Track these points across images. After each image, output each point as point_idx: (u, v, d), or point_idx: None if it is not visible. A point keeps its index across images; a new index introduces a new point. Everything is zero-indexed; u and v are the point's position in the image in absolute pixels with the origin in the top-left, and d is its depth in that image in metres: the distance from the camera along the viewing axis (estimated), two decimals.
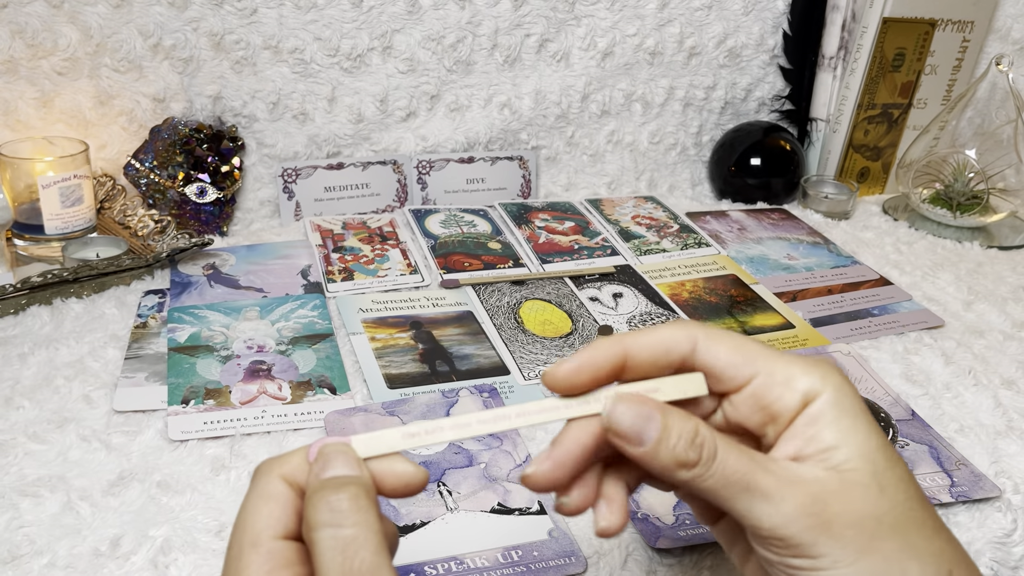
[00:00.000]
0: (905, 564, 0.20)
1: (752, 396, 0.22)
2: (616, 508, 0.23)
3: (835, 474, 0.20)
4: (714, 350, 0.22)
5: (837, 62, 0.67)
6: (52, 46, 0.51)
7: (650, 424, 0.21)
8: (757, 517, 0.20)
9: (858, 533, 0.20)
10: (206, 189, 0.54)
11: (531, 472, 0.22)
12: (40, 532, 0.31)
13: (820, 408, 0.21)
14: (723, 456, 0.21)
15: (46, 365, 0.40)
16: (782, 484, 0.20)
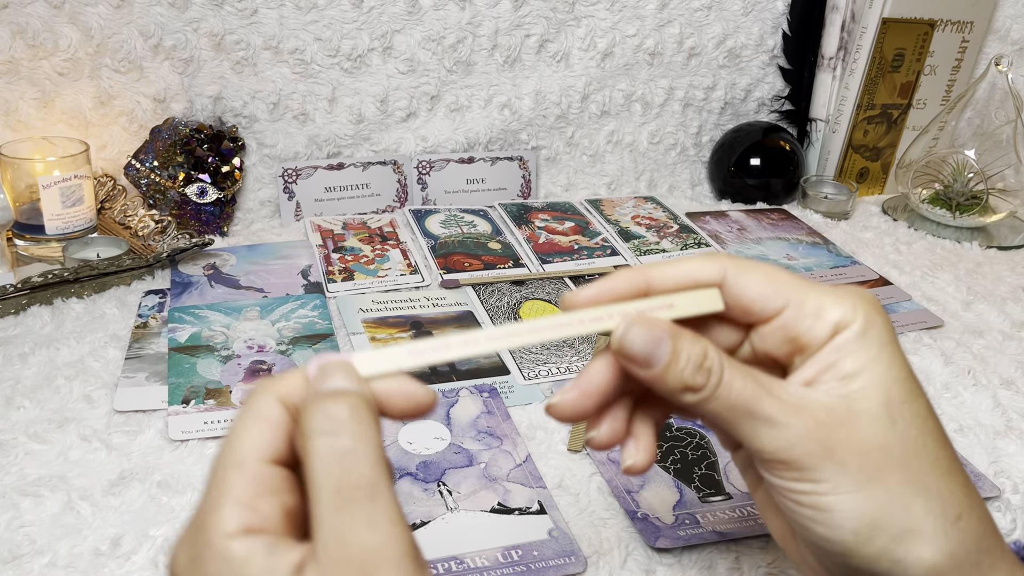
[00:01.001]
0: (909, 500, 0.20)
1: (781, 328, 0.21)
2: (643, 445, 0.22)
3: (844, 401, 0.20)
4: (744, 282, 0.21)
5: (836, 62, 0.67)
6: (53, 46, 0.51)
7: (660, 347, 0.20)
8: (760, 441, 0.20)
9: (862, 462, 0.20)
10: (206, 189, 0.54)
11: (556, 401, 0.21)
12: (41, 532, 0.31)
13: (847, 337, 0.20)
14: (728, 380, 0.20)
15: (47, 365, 0.40)
16: (787, 409, 0.20)
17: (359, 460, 0.17)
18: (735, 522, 0.33)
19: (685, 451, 0.37)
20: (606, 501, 0.34)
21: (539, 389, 0.41)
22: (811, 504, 0.20)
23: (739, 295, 0.22)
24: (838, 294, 0.21)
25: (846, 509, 0.20)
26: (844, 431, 0.20)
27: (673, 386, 0.21)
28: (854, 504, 0.20)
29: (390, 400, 0.20)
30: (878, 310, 0.21)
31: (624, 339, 0.21)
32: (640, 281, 0.22)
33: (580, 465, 0.36)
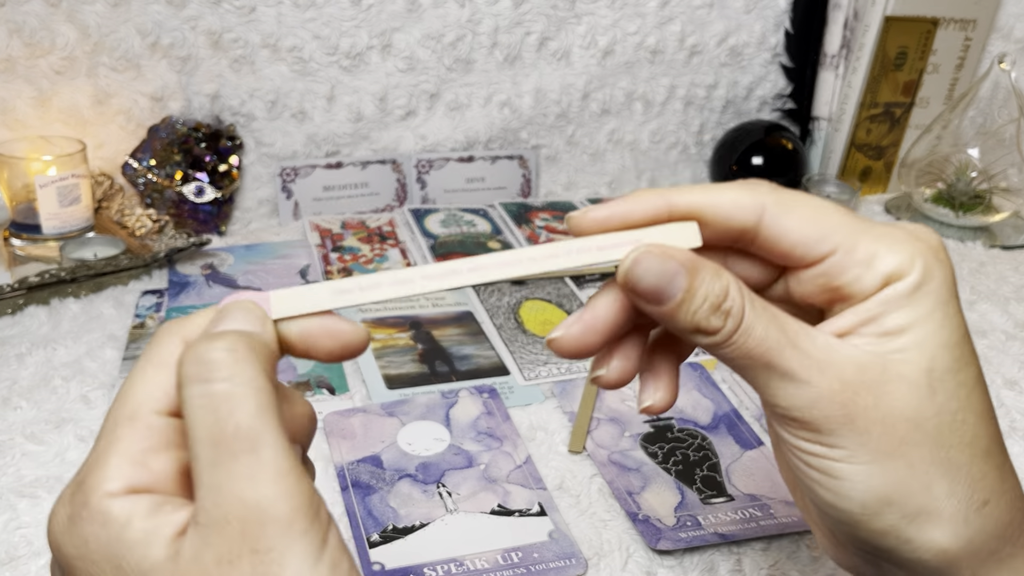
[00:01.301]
0: (933, 479, 0.17)
1: (824, 274, 0.18)
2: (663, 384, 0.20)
3: (880, 361, 0.18)
4: (784, 223, 0.18)
5: (839, 60, 0.66)
6: (50, 45, 0.50)
7: (674, 282, 0.18)
8: (775, 395, 0.18)
9: (885, 432, 0.17)
10: (204, 189, 0.54)
11: (558, 336, 0.19)
12: (38, 533, 0.30)
13: (897, 290, 0.18)
14: (748, 326, 0.18)
15: (44, 365, 0.40)
16: (810, 365, 0.18)
17: (237, 407, 0.15)
18: (737, 524, 0.33)
19: (687, 452, 0.37)
20: (607, 503, 0.34)
21: (539, 390, 0.41)
22: (821, 468, 0.18)
23: (779, 238, 0.18)
24: (896, 239, 0.18)
25: (858, 480, 0.18)
26: (872, 396, 0.17)
27: (684, 326, 0.18)
28: (868, 476, 0.18)
29: (315, 340, 0.18)
30: (941, 261, 0.18)
31: (633, 271, 0.18)
32: (660, 206, 0.19)
33: (581, 466, 0.36)
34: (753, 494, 0.34)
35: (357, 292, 0.18)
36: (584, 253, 0.19)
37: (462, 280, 0.18)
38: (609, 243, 0.19)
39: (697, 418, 0.39)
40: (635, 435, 0.37)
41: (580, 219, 0.19)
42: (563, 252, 0.18)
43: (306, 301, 0.18)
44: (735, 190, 0.19)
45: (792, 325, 0.18)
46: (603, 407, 0.39)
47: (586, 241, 0.19)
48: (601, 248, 0.19)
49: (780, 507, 0.34)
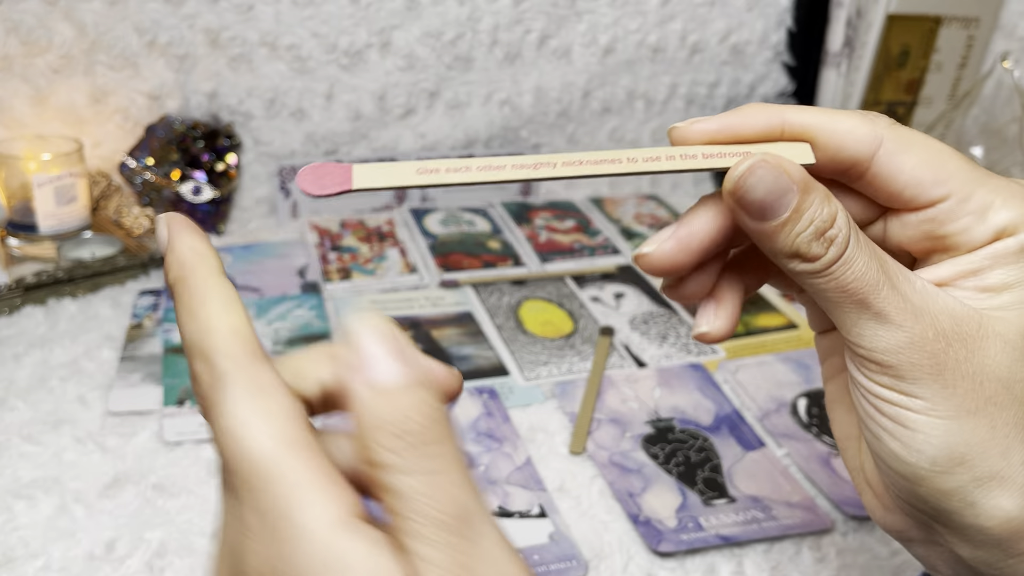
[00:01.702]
0: (1012, 443, 0.17)
1: (931, 220, 0.18)
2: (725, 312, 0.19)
3: (978, 316, 0.17)
4: (899, 160, 0.17)
5: (841, 59, 0.66)
6: (47, 43, 0.50)
7: (784, 199, 0.17)
8: (863, 335, 0.17)
9: (972, 389, 0.17)
10: (201, 188, 0.54)
11: (649, 251, 0.18)
12: (34, 535, 0.30)
13: (1007, 246, 0.17)
14: (850, 257, 0.17)
15: (40, 366, 0.40)
16: (906, 308, 0.17)
17: (458, 489, 0.14)
18: (739, 526, 0.32)
19: (688, 453, 0.36)
20: (608, 504, 0.33)
21: (539, 390, 0.40)
22: (895, 416, 0.17)
23: (890, 176, 0.18)
24: (1013, 193, 0.17)
25: (934, 434, 0.17)
26: (965, 349, 0.17)
27: (783, 248, 0.17)
28: (945, 432, 0.17)
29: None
30: None
31: (745, 179, 0.17)
32: (774, 123, 0.18)
33: (581, 468, 0.35)
34: (755, 496, 0.34)
35: (444, 173, 0.17)
36: (688, 159, 0.17)
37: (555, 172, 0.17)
38: (715, 152, 0.18)
39: (699, 419, 0.39)
40: (636, 436, 0.37)
41: (686, 130, 0.18)
42: (665, 156, 0.17)
43: (392, 175, 0.17)
44: (854, 118, 0.18)
45: (892, 266, 0.17)
46: (604, 408, 0.39)
47: (691, 148, 0.18)
48: (708, 156, 0.18)
49: (782, 509, 0.33)
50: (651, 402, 0.40)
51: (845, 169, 0.18)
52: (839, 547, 0.32)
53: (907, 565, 0.32)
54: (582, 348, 0.44)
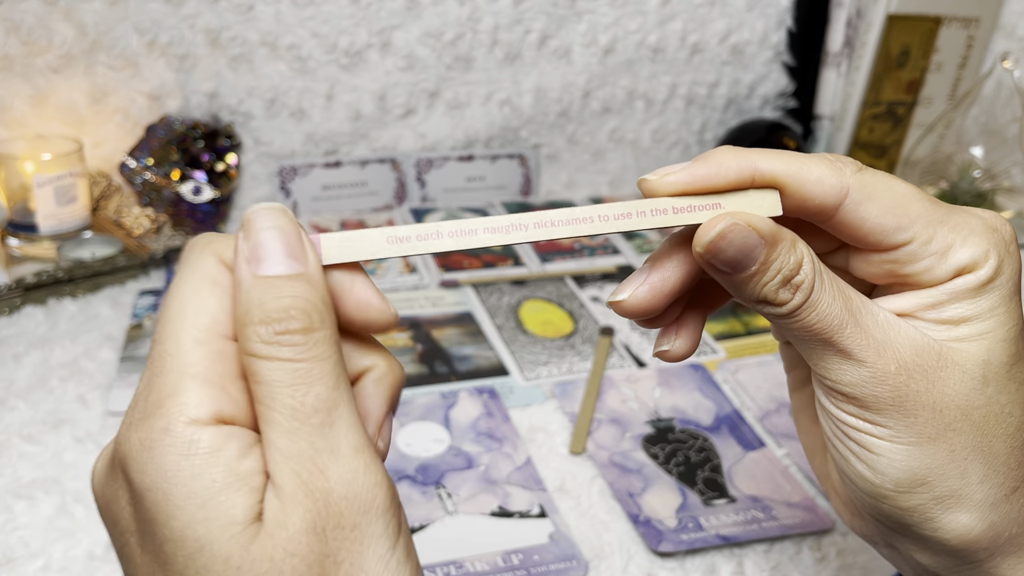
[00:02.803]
0: (970, 464, 0.18)
1: (895, 261, 0.18)
2: (686, 333, 0.20)
3: (937, 347, 0.18)
4: (864, 209, 0.18)
5: (841, 59, 0.66)
6: (47, 43, 0.50)
7: (751, 255, 0.17)
8: (827, 367, 0.18)
9: (933, 417, 0.18)
10: (202, 188, 0.54)
11: (625, 298, 0.18)
12: (34, 535, 0.30)
13: (967, 282, 0.18)
14: (815, 300, 0.17)
15: (40, 366, 0.40)
16: (868, 345, 0.17)
17: (316, 381, 0.14)
18: (739, 526, 0.32)
19: (688, 453, 0.36)
20: (608, 504, 0.33)
21: (539, 390, 0.40)
22: (860, 441, 0.18)
23: (855, 225, 0.18)
24: (972, 230, 0.18)
25: (896, 459, 0.18)
26: (925, 381, 0.18)
27: (750, 296, 0.18)
28: (907, 457, 0.18)
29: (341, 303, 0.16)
30: (1011, 255, 0.18)
31: (716, 243, 0.17)
32: (744, 173, 0.18)
33: (581, 468, 0.35)
34: (755, 496, 0.34)
35: (415, 241, 0.17)
36: (659, 215, 0.18)
37: (527, 236, 0.17)
38: (685, 206, 0.18)
39: (699, 419, 0.39)
40: (636, 436, 0.37)
41: (656, 183, 0.18)
42: (636, 212, 0.17)
43: (359, 248, 0.16)
44: (822, 166, 0.18)
45: (855, 300, 0.18)
46: (604, 408, 0.39)
47: (661, 202, 0.18)
48: (677, 211, 0.18)
49: (782, 509, 0.33)
50: (651, 402, 0.39)
51: (812, 213, 0.19)
52: (839, 547, 0.32)
53: None
54: (582, 348, 0.44)
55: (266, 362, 0.14)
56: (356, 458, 0.14)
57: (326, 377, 0.14)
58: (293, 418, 0.14)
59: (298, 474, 0.14)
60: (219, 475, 0.14)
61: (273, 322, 0.14)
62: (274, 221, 0.15)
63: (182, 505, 0.14)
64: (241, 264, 0.15)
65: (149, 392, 0.15)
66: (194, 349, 0.15)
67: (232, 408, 0.15)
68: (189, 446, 0.14)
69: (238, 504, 0.14)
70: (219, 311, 0.15)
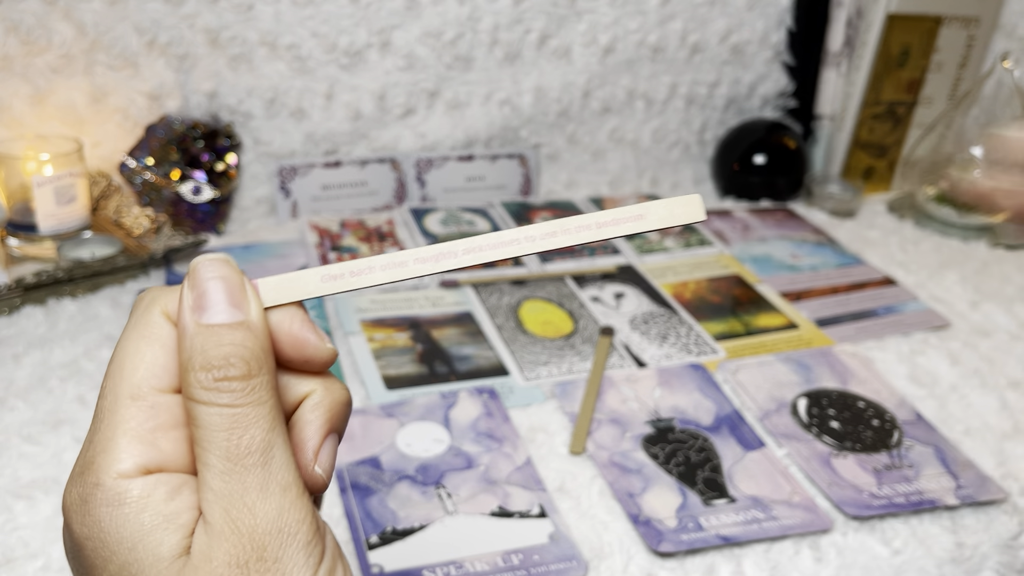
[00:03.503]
0: None
1: None
2: None
3: None
4: None
5: (842, 58, 0.66)
6: (47, 43, 0.50)
7: None
8: None
9: None
10: (201, 188, 0.53)
11: None
12: (34, 535, 0.30)
13: None
14: None
15: (40, 366, 0.40)
16: None
17: (252, 424, 0.15)
18: (739, 526, 0.32)
19: (688, 454, 0.36)
20: (608, 504, 0.33)
21: (539, 390, 0.40)
22: None
23: None
24: None
25: None
26: None
27: None
28: None
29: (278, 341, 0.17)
30: None
31: None
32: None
33: (581, 468, 0.35)
34: (755, 496, 0.34)
35: (348, 277, 0.17)
36: (583, 231, 0.18)
37: (457, 262, 0.17)
38: (608, 219, 0.18)
39: (699, 419, 0.39)
40: (636, 436, 0.37)
41: None
42: (561, 230, 0.17)
43: (295, 288, 0.17)
44: None
45: None
46: (604, 408, 0.39)
47: (586, 218, 0.18)
48: (600, 225, 0.18)
49: (782, 509, 0.33)
50: (651, 402, 0.39)
51: None
52: (839, 547, 0.32)
53: (907, 565, 0.32)
54: (582, 348, 0.44)
55: (205, 407, 0.15)
56: (283, 496, 0.15)
57: (262, 420, 0.16)
58: (227, 459, 0.15)
59: (227, 512, 0.15)
60: (147, 519, 0.15)
61: (213, 368, 0.15)
62: (218, 271, 0.16)
63: (116, 550, 0.15)
64: (185, 312, 0.16)
65: (88, 447, 0.16)
66: (128, 405, 0.16)
67: (160, 458, 0.16)
68: (118, 497, 0.15)
69: (165, 542, 0.15)
70: (155, 366, 0.16)
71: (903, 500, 0.34)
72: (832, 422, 0.39)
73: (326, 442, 0.17)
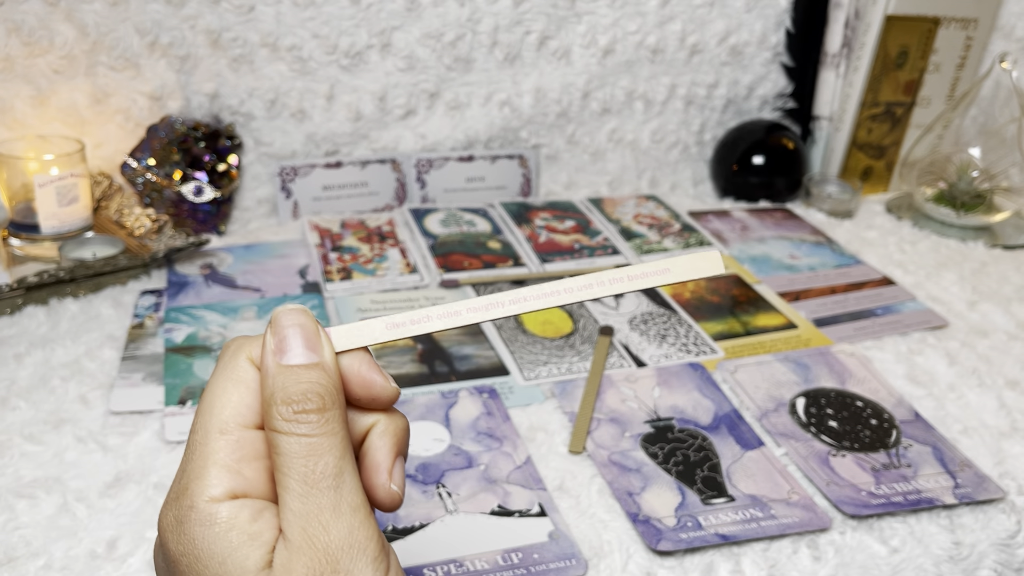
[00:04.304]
0: None
1: None
2: None
3: None
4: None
5: (840, 59, 0.66)
6: (48, 44, 0.50)
7: None
8: None
9: None
10: (203, 188, 0.54)
11: None
12: (36, 534, 0.30)
13: None
14: None
15: (42, 366, 0.40)
16: None
17: (326, 452, 0.18)
18: (738, 525, 0.32)
19: (687, 453, 0.36)
20: (607, 503, 0.33)
21: (539, 390, 0.40)
22: None
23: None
24: None
25: None
26: None
27: None
28: None
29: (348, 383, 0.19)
30: None
31: None
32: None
33: (581, 467, 0.35)
34: (754, 495, 0.34)
35: (409, 325, 0.20)
36: (617, 283, 0.20)
37: (504, 311, 0.20)
38: (638, 273, 0.20)
39: (698, 418, 0.39)
40: (635, 435, 0.37)
41: None
42: (597, 283, 0.20)
43: (362, 335, 0.19)
44: None
45: None
46: (603, 407, 0.39)
47: (618, 272, 0.21)
48: (631, 278, 0.20)
49: (781, 508, 0.33)
50: (650, 401, 0.40)
51: None
52: (837, 546, 0.32)
53: (905, 564, 0.32)
54: (582, 348, 0.44)
55: (285, 437, 0.18)
56: (353, 516, 0.18)
57: (335, 449, 0.18)
58: (304, 483, 0.18)
59: (304, 529, 0.17)
60: (234, 537, 0.17)
61: (293, 403, 0.18)
62: (296, 320, 0.19)
63: (208, 564, 0.17)
64: (268, 355, 0.19)
65: (182, 475, 0.19)
66: (217, 439, 0.18)
67: (244, 485, 0.18)
68: (209, 518, 0.18)
69: (251, 556, 0.17)
70: (241, 404, 0.19)
71: (901, 499, 0.34)
72: (830, 421, 0.39)
73: (396, 463, 0.20)
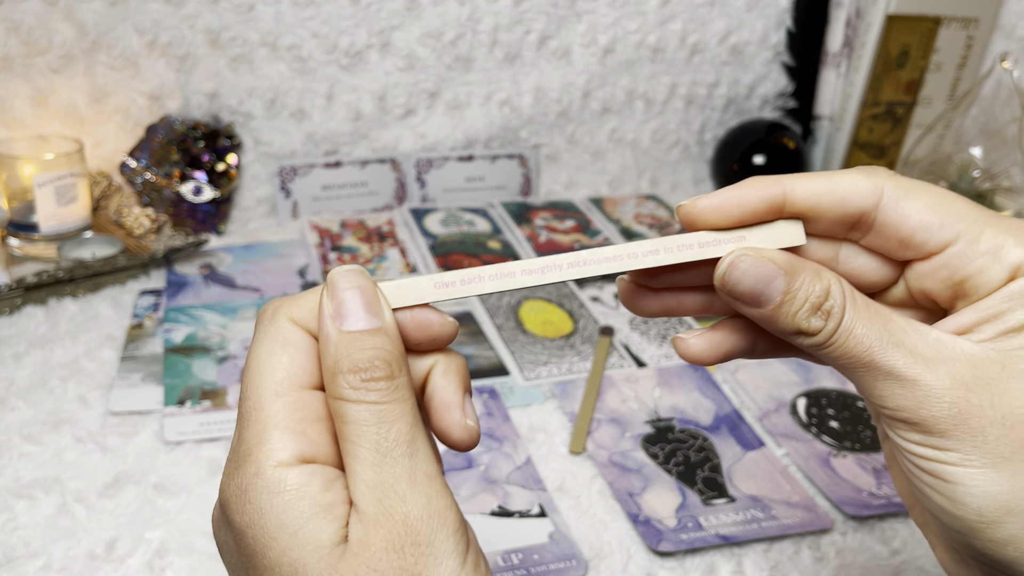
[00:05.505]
0: None
1: (945, 266, 0.18)
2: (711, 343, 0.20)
3: (1000, 357, 0.17)
4: (904, 207, 0.18)
5: (841, 59, 0.66)
6: (47, 43, 0.50)
7: (771, 286, 0.18)
8: (880, 395, 0.17)
9: (1004, 434, 0.16)
10: (202, 188, 0.54)
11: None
12: (35, 534, 0.30)
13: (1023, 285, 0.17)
14: (849, 324, 0.17)
15: (41, 366, 0.40)
16: (916, 362, 0.17)
17: (398, 419, 0.16)
18: (738, 525, 0.32)
19: (688, 453, 0.36)
20: (607, 504, 0.33)
21: (539, 390, 0.40)
22: (933, 471, 0.17)
23: (897, 223, 0.18)
24: (1023, 230, 0.18)
25: (974, 485, 0.17)
26: (988, 395, 0.17)
27: (784, 328, 0.18)
28: (984, 481, 0.16)
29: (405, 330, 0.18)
30: None
31: (729, 274, 0.18)
32: (776, 192, 0.18)
33: (581, 467, 0.35)
34: (754, 495, 0.34)
35: (459, 285, 0.19)
36: (685, 250, 0.19)
37: (561, 275, 0.18)
38: (710, 240, 0.19)
39: (698, 419, 0.39)
40: (636, 436, 0.37)
41: (690, 208, 0.19)
42: (663, 248, 0.18)
43: (410, 293, 0.18)
44: (852, 174, 0.19)
45: (898, 322, 0.18)
46: (604, 408, 0.39)
47: (687, 238, 0.19)
48: (702, 245, 0.19)
49: (782, 508, 0.33)
50: (651, 402, 0.40)
51: (853, 224, 0.19)
52: (838, 547, 0.32)
53: (906, 565, 0.32)
54: (582, 348, 0.44)
55: (354, 405, 0.17)
56: (430, 485, 0.16)
57: (406, 415, 0.17)
58: (377, 451, 0.16)
59: (380, 501, 0.16)
60: (306, 507, 0.16)
61: (360, 371, 0.17)
62: (354, 282, 0.18)
63: (276, 536, 0.16)
64: (327, 321, 0.17)
65: (240, 444, 0.17)
66: (274, 401, 0.17)
67: (312, 449, 0.17)
68: (278, 485, 0.16)
69: (325, 530, 0.16)
70: (292, 366, 0.17)
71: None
72: (831, 422, 0.39)
73: (465, 399, 0.19)
